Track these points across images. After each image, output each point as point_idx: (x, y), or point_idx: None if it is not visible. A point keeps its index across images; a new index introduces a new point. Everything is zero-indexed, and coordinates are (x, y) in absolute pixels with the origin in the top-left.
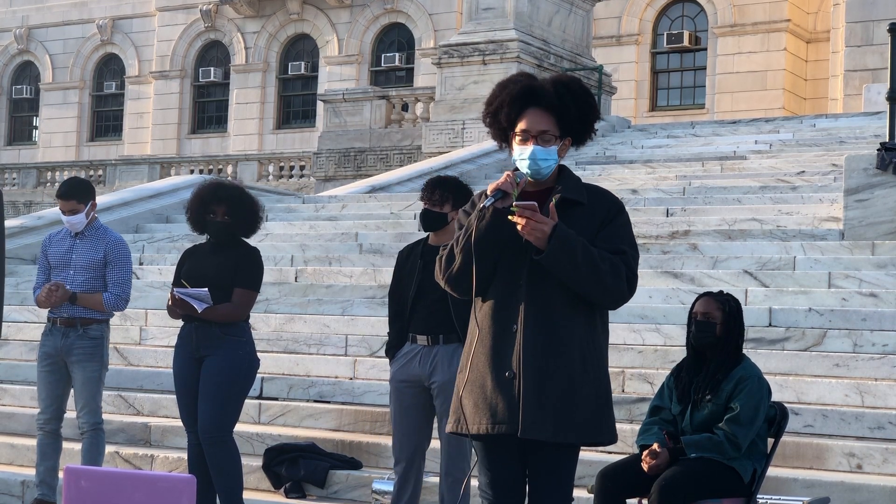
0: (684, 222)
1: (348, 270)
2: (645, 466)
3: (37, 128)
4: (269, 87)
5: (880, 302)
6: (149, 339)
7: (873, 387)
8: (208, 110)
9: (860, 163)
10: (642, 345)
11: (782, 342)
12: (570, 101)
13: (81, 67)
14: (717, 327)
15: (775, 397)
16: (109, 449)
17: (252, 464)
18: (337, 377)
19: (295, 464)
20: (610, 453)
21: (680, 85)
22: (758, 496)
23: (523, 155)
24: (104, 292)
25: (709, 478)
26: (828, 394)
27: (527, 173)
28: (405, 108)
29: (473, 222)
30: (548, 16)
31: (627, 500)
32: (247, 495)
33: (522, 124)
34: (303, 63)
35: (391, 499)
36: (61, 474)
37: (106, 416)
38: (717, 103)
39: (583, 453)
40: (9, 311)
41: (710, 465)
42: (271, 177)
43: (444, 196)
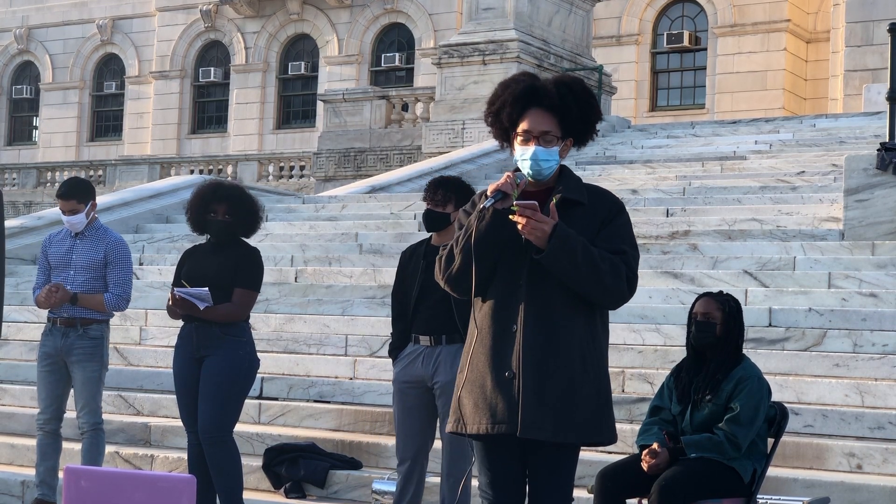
0: (684, 222)
1: (348, 270)
2: (645, 466)
3: (37, 128)
4: (269, 87)
5: (880, 302)
6: (149, 339)
7: (873, 387)
8: (208, 110)
9: (860, 163)
10: (642, 345)
11: (782, 342)
12: (573, 101)
13: (81, 67)
14: (717, 327)
15: (775, 397)
16: (109, 449)
17: (252, 464)
18: (337, 377)
19: (295, 464)
20: (610, 453)
21: (680, 85)
22: (758, 496)
23: (525, 155)
24: (105, 293)
25: (709, 478)
26: (828, 394)
27: (528, 174)
28: (405, 108)
29: (473, 223)
30: (548, 16)
31: (627, 500)
32: (247, 495)
33: (524, 124)
34: (303, 63)
35: (393, 499)
36: (61, 474)
37: (106, 416)
38: (717, 103)
39: (583, 453)
40: (9, 311)
41: (710, 465)
42: (271, 177)
43: (447, 196)
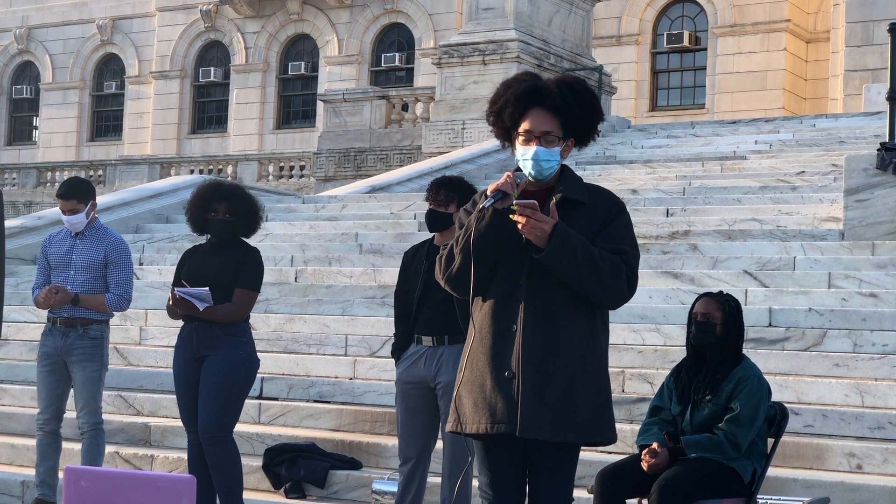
0: (684, 222)
1: (348, 270)
2: (645, 466)
3: (37, 128)
4: (269, 87)
5: (880, 302)
6: (149, 339)
7: (873, 387)
8: (208, 110)
9: (860, 163)
10: (642, 345)
11: (782, 342)
12: (574, 102)
13: (81, 67)
14: (717, 327)
15: (775, 397)
16: (109, 449)
17: (252, 464)
18: (337, 377)
19: (295, 464)
20: (610, 453)
21: (680, 85)
22: (758, 496)
23: (526, 155)
24: (106, 293)
25: (709, 478)
26: (828, 394)
27: (529, 174)
28: (405, 108)
29: (473, 223)
30: (548, 16)
31: (627, 500)
32: (247, 495)
33: (526, 124)
34: (303, 63)
35: (395, 499)
36: (61, 474)
37: (106, 416)
38: (717, 103)
39: (583, 453)
40: (9, 311)
41: (710, 465)
42: (271, 177)
43: (449, 196)
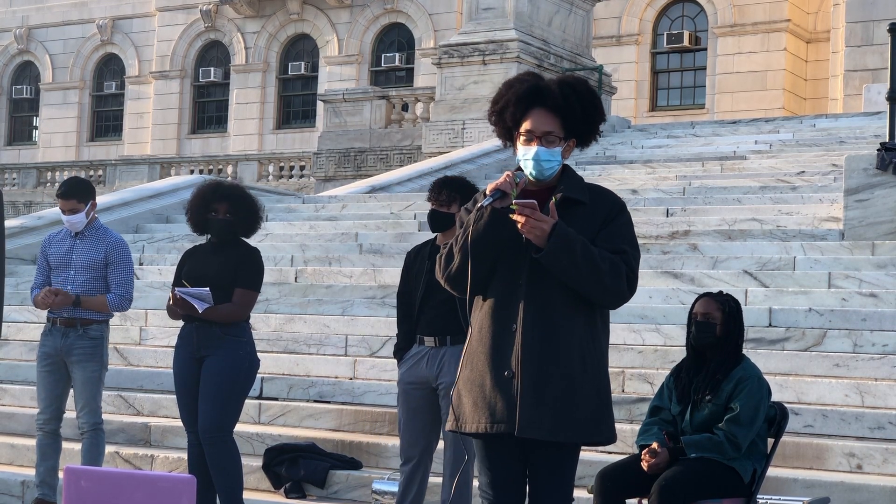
0: (684, 222)
1: (348, 270)
2: (644, 466)
3: (37, 128)
4: (269, 87)
5: (880, 302)
6: (149, 339)
7: (873, 387)
8: (208, 110)
9: (860, 163)
10: (642, 345)
11: (782, 342)
12: (576, 102)
13: (81, 67)
14: (717, 328)
15: (775, 397)
16: (109, 449)
17: (252, 464)
18: (337, 377)
19: (295, 464)
20: (610, 453)
21: (680, 85)
22: (758, 496)
23: (527, 155)
24: (108, 293)
25: (709, 478)
26: (828, 394)
27: (530, 174)
28: (405, 108)
29: (471, 222)
30: (548, 16)
31: (627, 500)
32: (247, 495)
33: (527, 124)
34: (303, 63)
35: (396, 499)
36: (61, 474)
37: (106, 416)
38: (717, 103)
39: (583, 453)
40: (9, 311)
41: (710, 466)
42: (271, 177)
43: (451, 196)
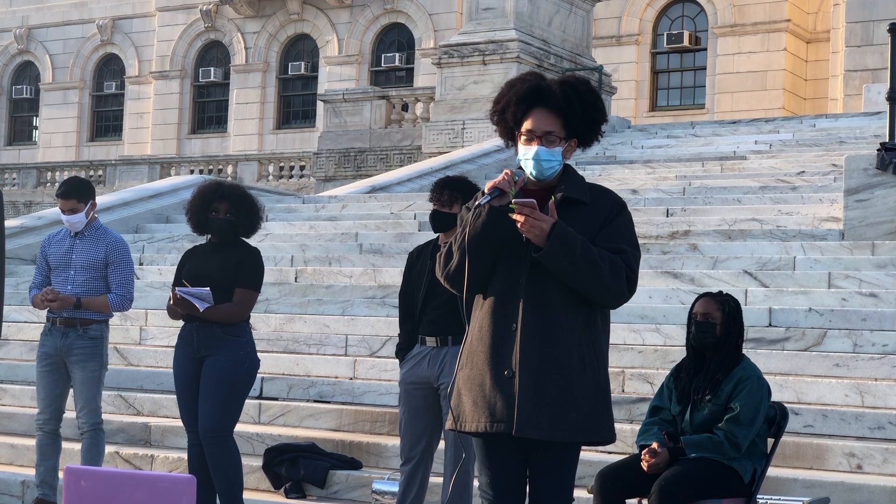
0: (684, 222)
1: (348, 270)
2: (644, 465)
3: (37, 128)
4: (269, 87)
5: (880, 302)
6: (149, 339)
7: (873, 387)
8: (208, 110)
9: (860, 163)
10: (642, 345)
11: (782, 342)
12: (577, 102)
13: (81, 67)
14: (717, 328)
15: (775, 397)
16: (109, 449)
17: (252, 464)
18: (337, 377)
19: (295, 464)
20: (610, 453)
21: (680, 85)
22: (758, 496)
23: (527, 155)
24: (109, 294)
25: (709, 478)
26: (828, 394)
27: (531, 173)
28: (405, 108)
29: (469, 220)
30: (548, 16)
31: (627, 501)
32: (247, 495)
33: (528, 124)
34: (303, 63)
35: (397, 499)
36: (61, 474)
37: (106, 416)
38: (717, 103)
39: (583, 453)
40: (9, 311)
41: (710, 466)
42: (271, 177)
43: (453, 196)
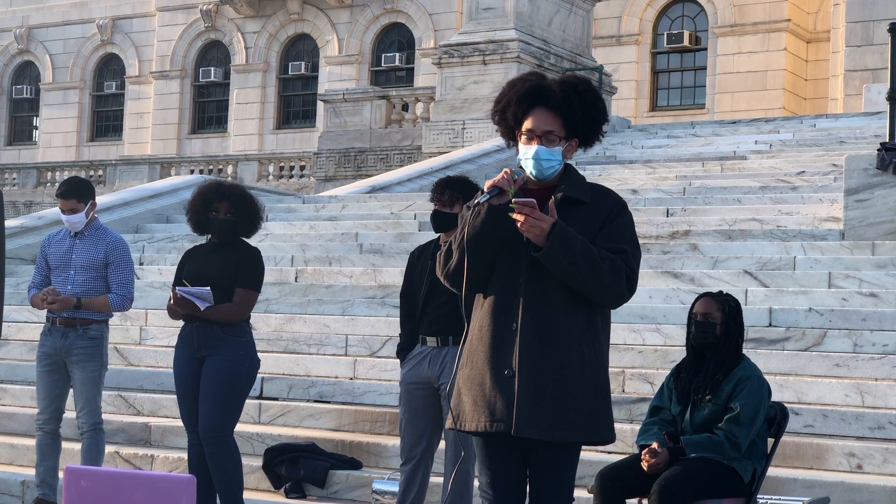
0: (684, 222)
1: (348, 270)
2: (644, 465)
3: (37, 128)
4: (269, 87)
5: (880, 302)
6: (149, 339)
7: (873, 387)
8: (208, 110)
9: (860, 163)
10: (642, 345)
11: (782, 342)
12: (577, 102)
13: (81, 67)
14: (717, 327)
15: (775, 397)
16: (109, 449)
17: (252, 464)
18: (337, 377)
19: (295, 464)
20: (610, 453)
21: (680, 85)
22: (758, 496)
23: (527, 154)
24: (109, 294)
25: (709, 478)
26: (828, 394)
27: (531, 173)
28: (405, 108)
29: (468, 218)
30: (548, 16)
31: (627, 500)
32: (247, 495)
33: (528, 123)
34: (303, 63)
35: (397, 499)
36: (61, 474)
37: (106, 416)
38: (717, 103)
39: (583, 453)
40: (9, 311)
41: (710, 465)
42: (271, 177)
43: (454, 196)
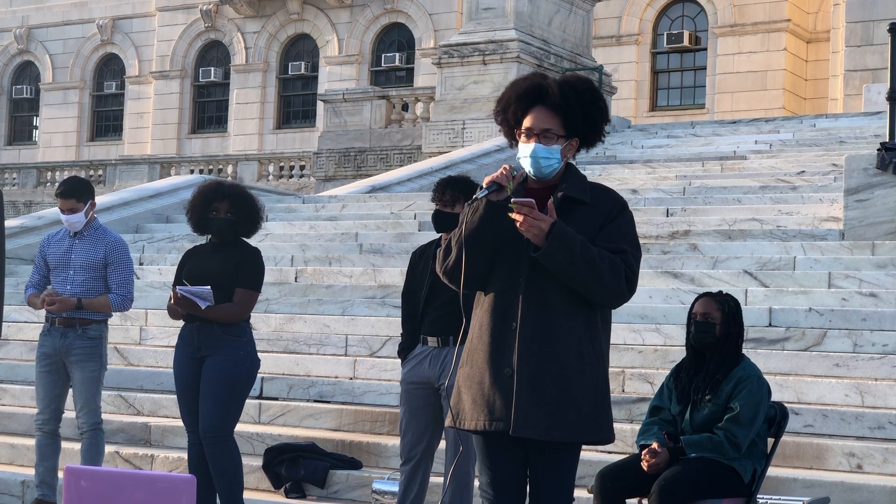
0: (684, 222)
1: (348, 270)
2: (644, 465)
3: (37, 128)
4: (269, 87)
5: (880, 302)
6: (149, 339)
7: (873, 387)
8: (208, 110)
9: (860, 163)
10: (642, 345)
11: (782, 342)
12: (576, 101)
13: (81, 67)
14: (717, 327)
15: (775, 397)
16: (109, 449)
17: (252, 464)
18: (337, 377)
19: (295, 464)
20: (610, 453)
21: (680, 85)
22: (758, 496)
23: (525, 152)
24: (109, 294)
25: (709, 478)
26: (828, 394)
27: (529, 171)
28: (405, 108)
29: (466, 214)
30: (548, 16)
31: (627, 500)
32: (247, 495)
33: (527, 122)
34: (303, 63)
35: (397, 498)
36: (61, 474)
37: (106, 416)
38: (717, 103)
39: (583, 453)
40: (9, 311)
41: (710, 465)
42: (271, 177)
43: (455, 196)
